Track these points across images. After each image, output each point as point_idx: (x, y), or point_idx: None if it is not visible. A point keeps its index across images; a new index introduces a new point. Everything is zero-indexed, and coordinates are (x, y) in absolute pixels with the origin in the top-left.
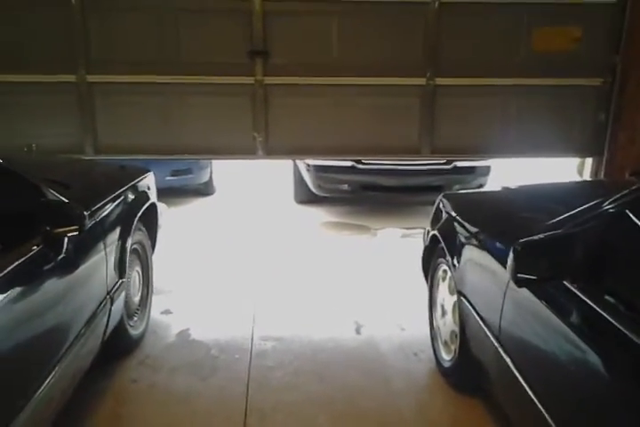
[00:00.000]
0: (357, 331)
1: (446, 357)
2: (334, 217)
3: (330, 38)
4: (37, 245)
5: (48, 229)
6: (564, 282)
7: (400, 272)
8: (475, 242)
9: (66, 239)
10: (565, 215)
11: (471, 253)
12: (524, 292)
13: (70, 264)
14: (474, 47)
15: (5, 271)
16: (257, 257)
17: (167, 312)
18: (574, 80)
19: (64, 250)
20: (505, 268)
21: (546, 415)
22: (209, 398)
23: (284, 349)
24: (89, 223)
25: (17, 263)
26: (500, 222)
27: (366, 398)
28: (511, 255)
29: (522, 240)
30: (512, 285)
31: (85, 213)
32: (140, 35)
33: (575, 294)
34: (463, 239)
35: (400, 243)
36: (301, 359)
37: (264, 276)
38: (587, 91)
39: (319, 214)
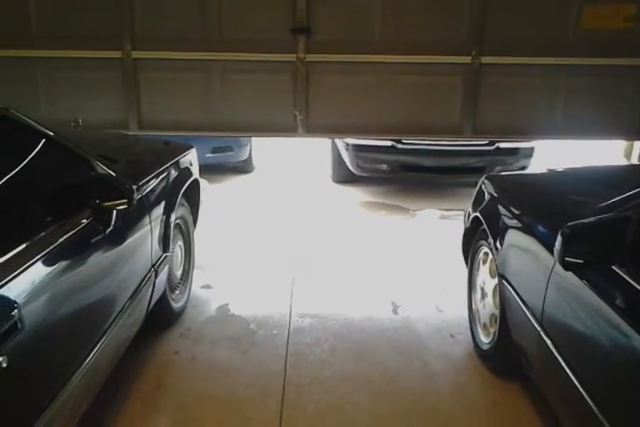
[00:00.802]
0: (394, 311)
1: (485, 339)
2: (372, 197)
3: (373, 15)
4: (87, 218)
5: (97, 202)
6: (613, 267)
7: (438, 254)
8: (519, 225)
9: (114, 213)
10: (614, 199)
11: (515, 236)
12: (570, 276)
13: (118, 237)
14: (521, 25)
15: (57, 243)
16: (295, 235)
17: (207, 287)
18: (625, 60)
19: (112, 223)
20: (550, 252)
21: (589, 401)
22: (248, 371)
23: (321, 326)
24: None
25: (67, 235)
26: (547, 205)
27: (403, 379)
28: (559, 239)
29: (570, 223)
30: (557, 269)
31: (134, 187)
32: (183, 11)
33: (624, 278)
34: (507, 222)
35: (438, 224)
36: (338, 337)
37: (302, 254)
38: (637, 71)
39: (357, 194)
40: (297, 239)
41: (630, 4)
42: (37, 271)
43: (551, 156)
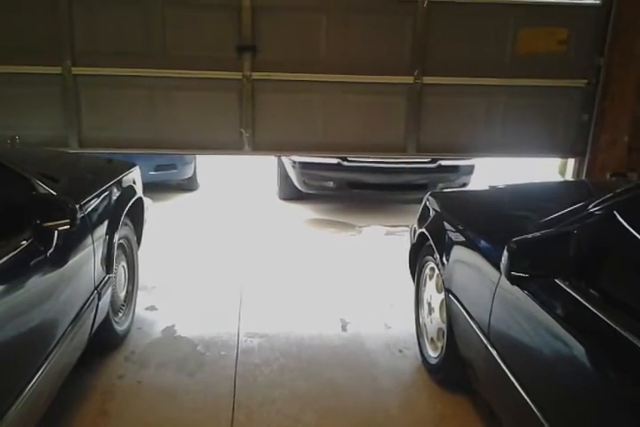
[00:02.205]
0: (343, 328)
1: (433, 354)
2: (319, 214)
3: (318, 35)
4: (27, 239)
5: (38, 222)
6: (556, 280)
7: (384, 270)
8: (464, 241)
9: (56, 233)
10: (556, 214)
11: (460, 251)
12: (515, 290)
13: (59, 259)
14: (461, 47)
15: None
16: (241, 253)
17: (152, 308)
18: (559, 81)
19: (54, 244)
20: (495, 266)
21: (537, 412)
22: (196, 394)
23: (270, 346)
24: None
25: (7, 258)
26: (490, 221)
27: (352, 396)
28: (505, 253)
29: (516, 238)
30: (502, 282)
31: (76, 206)
32: (127, 27)
33: (567, 291)
34: (452, 238)
35: (384, 240)
36: (287, 356)
37: (248, 272)
38: (571, 92)
39: (304, 211)
40: (244, 258)
41: (562, 29)
42: None
43: (490, 173)
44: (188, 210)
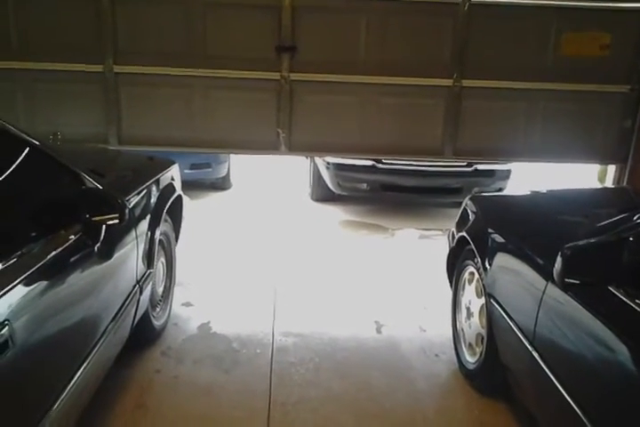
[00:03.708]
0: (378, 330)
1: (470, 359)
2: (351, 216)
3: (358, 36)
4: (77, 233)
5: (88, 216)
6: (609, 287)
7: (419, 273)
8: (509, 246)
9: (103, 228)
10: (607, 221)
11: (504, 256)
12: (564, 296)
13: (106, 253)
14: (502, 50)
15: (47, 259)
16: (275, 253)
17: (188, 304)
18: (601, 86)
19: (101, 239)
20: (541, 271)
21: (584, 420)
22: (232, 390)
23: (305, 345)
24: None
25: (58, 251)
26: (535, 226)
27: (389, 398)
28: (559, 260)
29: (570, 245)
30: (550, 289)
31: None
32: (168, 27)
33: (620, 299)
34: (496, 242)
35: (418, 244)
36: (322, 357)
37: (283, 272)
38: (613, 97)
39: (336, 213)
40: (278, 257)
41: (606, 33)
42: (28, 288)
43: (526, 178)
44: (221, 209)
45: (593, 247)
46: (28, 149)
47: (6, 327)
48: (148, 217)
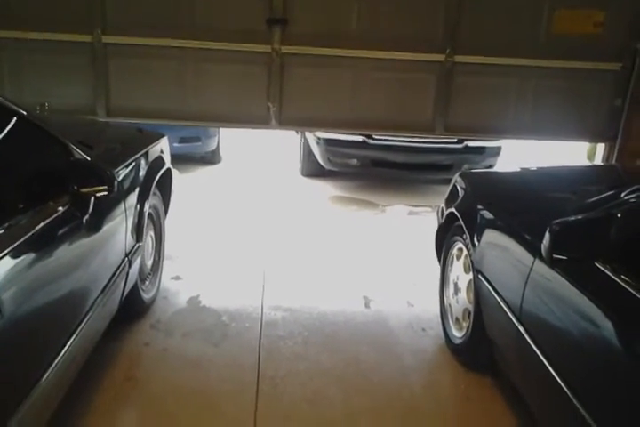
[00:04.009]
0: (366, 305)
1: (457, 334)
2: (341, 192)
3: (350, 9)
4: (65, 205)
5: (76, 188)
6: (596, 263)
7: (408, 249)
8: (497, 222)
9: (92, 200)
10: (596, 198)
11: (493, 232)
12: (551, 272)
13: (94, 226)
14: (495, 26)
15: (35, 230)
16: (264, 227)
17: (177, 278)
18: (593, 64)
19: (90, 210)
20: (529, 247)
21: (571, 396)
22: (221, 364)
23: (294, 319)
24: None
25: (46, 222)
26: (524, 203)
27: (377, 373)
28: (547, 235)
29: (558, 220)
30: (537, 264)
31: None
32: None
33: (607, 275)
34: (484, 218)
35: (407, 220)
36: (311, 331)
37: (272, 246)
38: (605, 75)
39: (326, 188)
40: (267, 232)
41: (600, 11)
42: (16, 259)
43: (516, 155)
44: (210, 183)
45: (581, 223)
46: (15, 118)
47: None
48: (137, 190)
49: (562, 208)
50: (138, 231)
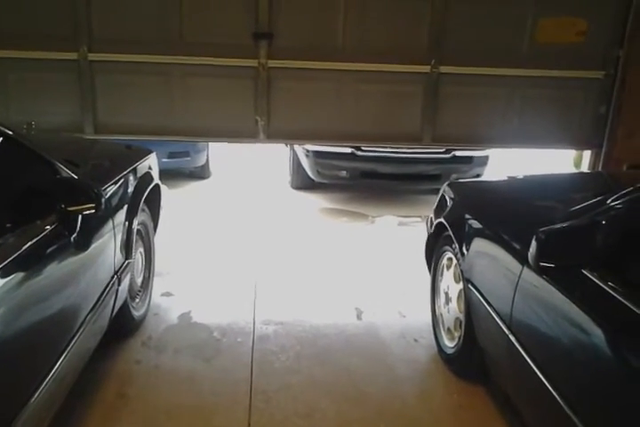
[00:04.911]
0: (358, 317)
1: (449, 344)
2: (331, 204)
3: (336, 23)
4: (52, 224)
5: (63, 206)
6: (583, 271)
7: (398, 260)
8: (485, 231)
9: (79, 218)
10: (581, 205)
11: (481, 241)
12: (539, 280)
13: (82, 244)
14: (479, 36)
15: (22, 250)
16: (255, 241)
17: (168, 294)
18: (577, 72)
19: (77, 229)
20: (517, 256)
21: (562, 404)
22: (214, 379)
23: (286, 333)
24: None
25: (33, 241)
26: (511, 211)
27: (369, 383)
28: (534, 243)
29: (544, 228)
30: (525, 273)
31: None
32: (143, 13)
33: (594, 282)
34: (473, 228)
35: (397, 231)
36: (303, 344)
37: (263, 260)
38: (589, 83)
39: (316, 201)
40: (258, 245)
41: (582, 20)
42: (4, 279)
43: (503, 164)
44: (200, 198)
45: (566, 231)
46: (1, 138)
47: None
48: (126, 207)
49: (549, 216)
50: (127, 248)
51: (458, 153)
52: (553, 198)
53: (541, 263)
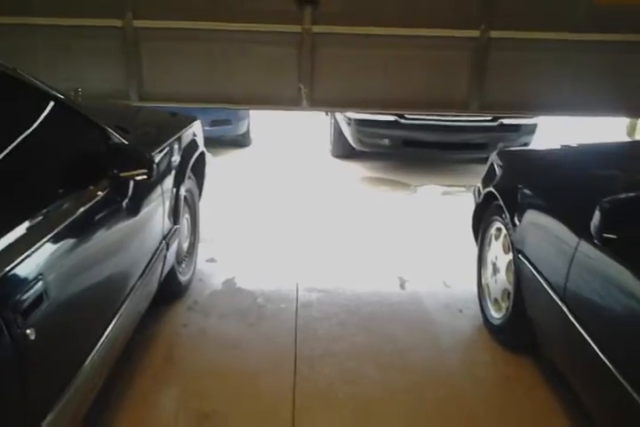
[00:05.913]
0: (402, 286)
1: (496, 314)
2: (372, 172)
3: None
4: (105, 189)
5: (116, 172)
6: None
7: (442, 229)
8: (540, 201)
9: (131, 184)
10: None
11: (535, 212)
12: (597, 252)
13: (134, 209)
14: None
15: (76, 214)
16: (296, 209)
17: (212, 260)
18: (636, 36)
19: (129, 194)
20: (574, 226)
21: (615, 373)
22: (258, 344)
23: (329, 301)
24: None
25: (87, 206)
26: (568, 181)
27: (413, 352)
28: (598, 214)
29: (609, 198)
30: (583, 244)
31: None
32: None
33: None
34: (526, 198)
35: (440, 200)
36: (346, 312)
37: (305, 227)
38: None
39: (357, 169)
40: (299, 213)
41: None
42: (58, 244)
43: (551, 133)
44: (242, 166)
45: (633, 201)
46: (53, 103)
47: (40, 282)
48: (173, 173)
49: (608, 186)
50: (174, 214)
51: (505, 121)
52: (611, 168)
53: (605, 234)
